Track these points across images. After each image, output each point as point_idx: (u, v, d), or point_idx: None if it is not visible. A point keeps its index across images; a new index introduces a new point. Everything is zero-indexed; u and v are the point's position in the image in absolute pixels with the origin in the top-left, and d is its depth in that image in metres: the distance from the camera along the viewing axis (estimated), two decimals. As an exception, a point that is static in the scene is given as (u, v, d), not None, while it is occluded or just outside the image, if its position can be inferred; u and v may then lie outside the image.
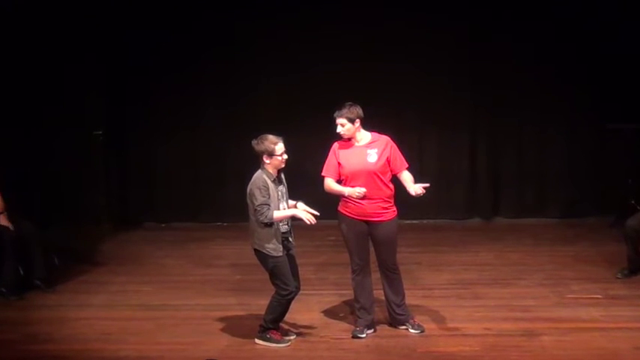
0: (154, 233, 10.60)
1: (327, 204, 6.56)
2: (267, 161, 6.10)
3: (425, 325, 6.58)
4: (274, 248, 6.12)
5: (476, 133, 10.84)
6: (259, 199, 6.03)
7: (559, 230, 10.19)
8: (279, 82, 10.50)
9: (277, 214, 6.06)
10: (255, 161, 6.23)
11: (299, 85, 10.48)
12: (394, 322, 6.61)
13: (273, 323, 6.29)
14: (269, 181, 6.08)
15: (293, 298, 6.27)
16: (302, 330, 6.62)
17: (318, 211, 6.18)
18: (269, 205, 6.02)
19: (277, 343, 6.28)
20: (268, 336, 6.30)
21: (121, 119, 10.87)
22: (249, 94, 10.54)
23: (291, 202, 6.29)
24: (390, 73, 10.38)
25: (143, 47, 10.54)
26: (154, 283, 8.13)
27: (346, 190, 6.28)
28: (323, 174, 6.41)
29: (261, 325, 6.32)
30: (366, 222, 6.34)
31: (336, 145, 6.43)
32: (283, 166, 6.16)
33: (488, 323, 6.71)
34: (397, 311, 6.55)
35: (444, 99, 10.63)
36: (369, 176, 6.26)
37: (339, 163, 6.35)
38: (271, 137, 6.11)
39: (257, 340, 6.33)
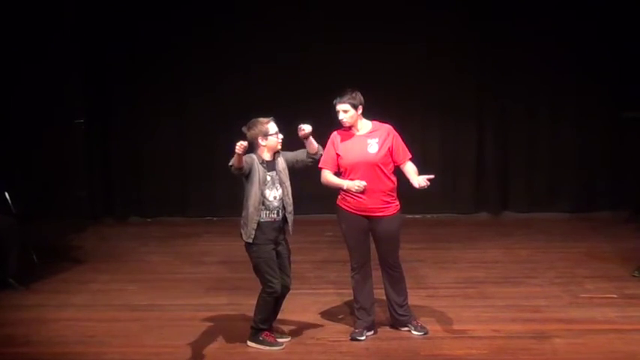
0: (140, 229, 10.61)
1: (325, 197, 6.54)
2: (264, 143, 6.13)
3: (429, 327, 6.56)
4: (246, 232, 6.12)
5: (483, 121, 10.83)
6: None
7: (571, 225, 10.22)
8: (270, 67, 10.47)
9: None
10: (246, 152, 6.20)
11: (292, 70, 10.46)
12: (396, 323, 6.58)
13: (263, 323, 6.28)
14: (256, 162, 6.11)
15: (281, 296, 6.26)
16: (297, 332, 6.60)
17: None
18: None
19: (270, 345, 6.26)
20: (261, 338, 6.28)
21: (104, 107, 10.85)
22: (238, 82, 10.53)
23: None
24: (391, 55, 10.36)
25: (125, 31, 10.53)
26: (139, 282, 8.12)
27: (345, 183, 6.25)
28: (320, 165, 6.37)
29: (252, 327, 6.31)
30: (367, 217, 6.31)
31: (334, 134, 6.40)
32: (280, 147, 6.16)
33: (496, 325, 6.69)
34: (399, 312, 6.53)
35: (449, 84, 10.62)
36: (369, 168, 6.23)
37: (337, 154, 6.31)
38: (261, 119, 6.16)
39: (249, 343, 6.31)
